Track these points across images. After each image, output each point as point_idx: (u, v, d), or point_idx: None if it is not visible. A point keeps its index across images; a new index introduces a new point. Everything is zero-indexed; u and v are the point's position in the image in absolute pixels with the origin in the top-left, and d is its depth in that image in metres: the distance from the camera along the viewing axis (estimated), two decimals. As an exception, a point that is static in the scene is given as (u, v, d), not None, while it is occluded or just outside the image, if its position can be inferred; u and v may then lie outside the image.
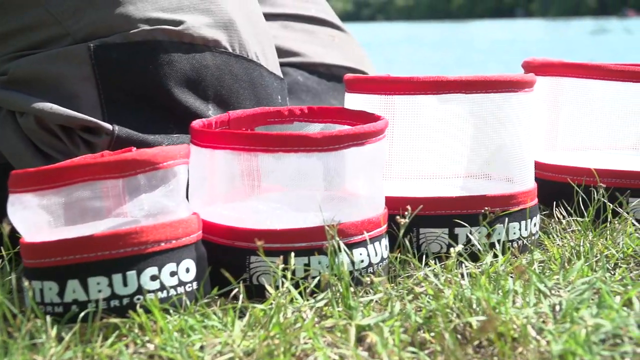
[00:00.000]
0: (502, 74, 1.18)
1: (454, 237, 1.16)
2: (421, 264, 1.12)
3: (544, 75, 1.44)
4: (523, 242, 1.20)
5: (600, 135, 1.46)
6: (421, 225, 1.17)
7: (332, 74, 1.70)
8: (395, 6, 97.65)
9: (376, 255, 1.06)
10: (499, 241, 1.17)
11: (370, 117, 1.13)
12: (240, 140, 1.03)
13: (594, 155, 1.43)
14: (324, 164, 1.03)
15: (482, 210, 1.15)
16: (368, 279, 0.97)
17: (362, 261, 1.05)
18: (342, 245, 1.01)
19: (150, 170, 0.96)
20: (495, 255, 1.15)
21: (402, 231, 1.07)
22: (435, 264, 1.10)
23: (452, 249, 1.03)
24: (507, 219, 1.18)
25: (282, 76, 1.37)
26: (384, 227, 1.10)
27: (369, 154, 1.06)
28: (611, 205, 1.27)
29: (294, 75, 1.66)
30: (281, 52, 1.68)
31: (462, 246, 1.09)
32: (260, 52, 1.30)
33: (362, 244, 1.05)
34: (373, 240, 1.06)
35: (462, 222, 1.15)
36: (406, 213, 1.06)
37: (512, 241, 1.19)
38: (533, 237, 1.22)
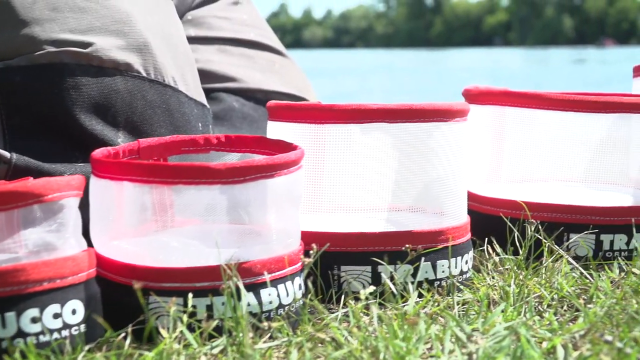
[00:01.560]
0: (429, 103, 1.11)
1: (377, 276, 1.09)
2: (339, 304, 1.05)
3: (485, 104, 1.37)
4: (453, 281, 1.13)
5: (547, 167, 1.39)
6: (342, 262, 1.09)
7: (270, 101, 1.63)
8: (374, 34, 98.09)
9: (287, 295, 0.99)
10: (426, 280, 1.10)
11: (289, 147, 1.06)
12: (138, 171, 0.95)
13: (538, 188, 1.36)
14: (229, 197, 0.95)
15: (402, 248, 1.08)
16: (266, 324, 0.89)
17: (270, 302, 0.97)
18: (241, 286, 0.93)
19: (34, 203, 0.88)
20: (421, 295, 1.08)
21: (305, 271, 1.00)
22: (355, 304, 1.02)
23: (362, 291, 0.95)
24: (433, 255, 1.11)
25: (204, 102, 1.29)
26: (299, 264, 1.02)
27: (281, 187, 0.98)
28: (546, 241, 1.20)
29: (229, 101, 1.59)
30: (217, 77, 1.61)
31: (373, 287, 1.01)
32: (180, 76, 1.23)
33: (272, 283, 0.97)
34: (285, 279, 0.99)
35: (378, 260, 1.08)
36: (311, 252, 0.98)
37: (440, 280, 1.12)
38: (464, 276, 1.15)
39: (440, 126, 1.12)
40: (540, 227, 1.23)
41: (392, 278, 1.08)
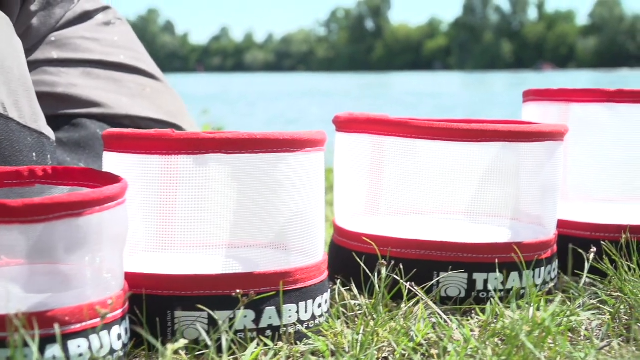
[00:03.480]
0: (274, 132, 1.01)
1: (214, 323, 0.98)
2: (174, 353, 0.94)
3: (359, 132, 1.27)
4: (303, 327, 1.03)
5: (429, 199, 1.29)
6: (176, 307, 0.99)
7: (138, 127, 1.52)
8: (316, 58, 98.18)
9: (101, 347, 0.88)
10: (270, 327, 1.00)
11: (115, 180, 0.95)
12: None
13: (416, 222, 1.27)
14: (29, 238, 0.84)
15: (233, 294, 0.97)
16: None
17: (80, 355, 0.86)
18: (30, 340, 0.82)
19: None
20: (265, 345, 0.98)
21: (100, 326, 0.88)
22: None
23: (169, 346, 0.85)
24: (279, 299, 1.01)
25: (43, 130, 1.18)
26: (119, 311, 0.91)
27: (94, 225, 0.88)
28: (407, 282, 1.10)
29: (92, 128, 1.48)
30: (80, 102, 1.50)
31: (184, 340, 0.91)
32: (11, 103, 1.12)
33: (82, 333, 0.86)
34: (99, 328, 0.88)
35: (202, 307, 0.98)
36: (109, 302, 0.88)
37: (287, 326, 1.02)
38: (316, 321, 1.05)
39: (286, 157, 1.02)
40: (401, 265, 1.13)
41: (232, 326, 0.98)
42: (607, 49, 79.97)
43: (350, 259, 1.23)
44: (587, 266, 1.18)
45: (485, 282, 1.18)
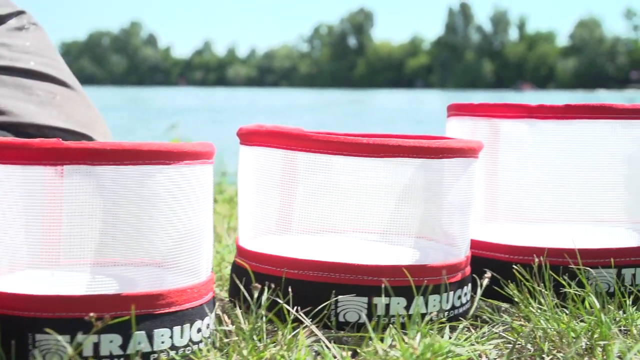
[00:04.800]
0: (147, 142, 0.94)
1: (78, 346, 0.91)
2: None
3: (267, 146, 1.20)
4: (177, 353, 0.96)
5: (344, 217, 1.22)
6: (38, 330, 0.92)
7: (44, 136, 1.45)
8: (298, 73, 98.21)
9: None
10: (140, 353, 0.93)
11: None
12: None
13: (324, 241, 1.19)
14: None
15: (86, 317, 0.90)
16: None
17: None
18: None
19: None
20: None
21: None
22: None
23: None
24: (150, 323, 0.94)
25: None
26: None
27: None
28: (290, 306, 1.03)
29: (-6, 136, 1.41)
30: (-17, 109, 1.43)
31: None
32: None
33: None
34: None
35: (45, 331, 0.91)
36: None
37: (158, 352, 0.95)
38: (194, 347, 0.98)
39: (163, 169, 0.95)
40: (290, 287, 1.07)
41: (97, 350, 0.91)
42: (586, 70, 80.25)
43: (247, 281, 1.16)
44: (479, 292, 1.11)
45: (387, 306, 1.11)
